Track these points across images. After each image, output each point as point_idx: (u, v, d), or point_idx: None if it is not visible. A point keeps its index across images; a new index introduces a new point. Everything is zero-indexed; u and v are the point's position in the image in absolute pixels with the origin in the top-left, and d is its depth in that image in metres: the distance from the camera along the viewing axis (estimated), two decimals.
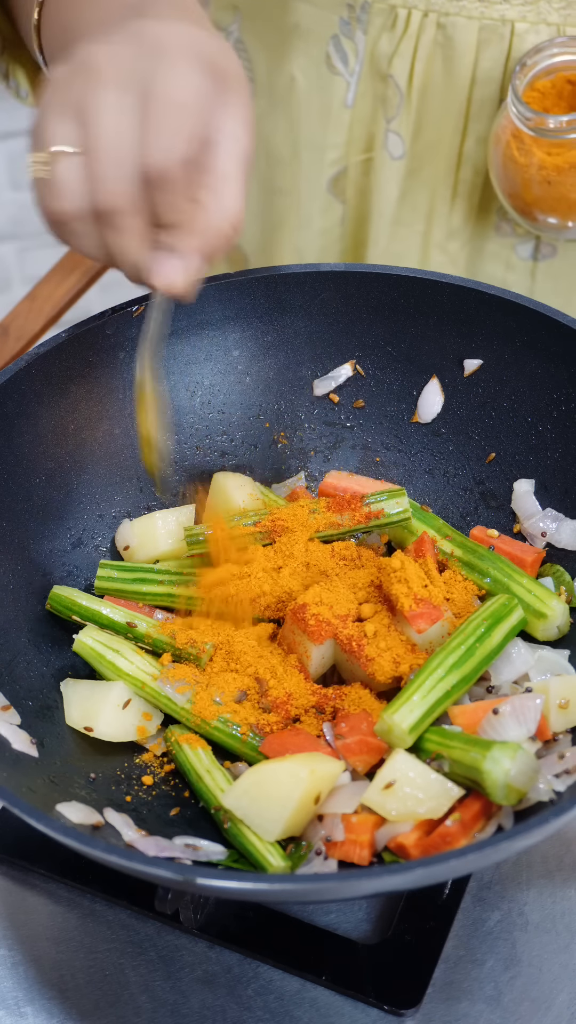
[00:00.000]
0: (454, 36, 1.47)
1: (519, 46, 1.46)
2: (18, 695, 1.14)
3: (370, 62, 1.53)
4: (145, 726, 1.16)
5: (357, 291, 1.34)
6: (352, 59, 1.54)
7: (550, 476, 1.29)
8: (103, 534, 1.31)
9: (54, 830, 0.94)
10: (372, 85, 1.55)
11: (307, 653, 1.16)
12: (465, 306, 1.30)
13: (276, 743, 1.10)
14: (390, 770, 1.05)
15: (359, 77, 1.55)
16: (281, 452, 1.38)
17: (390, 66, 1.51)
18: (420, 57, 1.50)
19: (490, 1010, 1.07)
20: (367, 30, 1.51)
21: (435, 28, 1.47)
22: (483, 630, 1.14)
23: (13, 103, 1.60)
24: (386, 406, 1.37)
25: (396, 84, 1.52)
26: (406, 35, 1.49)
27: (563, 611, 1.20)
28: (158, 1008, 1.07)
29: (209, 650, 1.18)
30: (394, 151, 1.56)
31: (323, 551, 1.23)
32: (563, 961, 1.10)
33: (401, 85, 1.52)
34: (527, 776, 1.02)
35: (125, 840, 1.03)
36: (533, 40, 1.45)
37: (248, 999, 1.08)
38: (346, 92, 1.57)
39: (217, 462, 1.37)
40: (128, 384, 1.32)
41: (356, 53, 1.53)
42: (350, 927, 1.11)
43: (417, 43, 1.49)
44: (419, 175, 1.58)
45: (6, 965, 1.11)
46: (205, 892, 1.08)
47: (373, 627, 1.16)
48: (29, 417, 1.24)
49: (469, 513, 1.34)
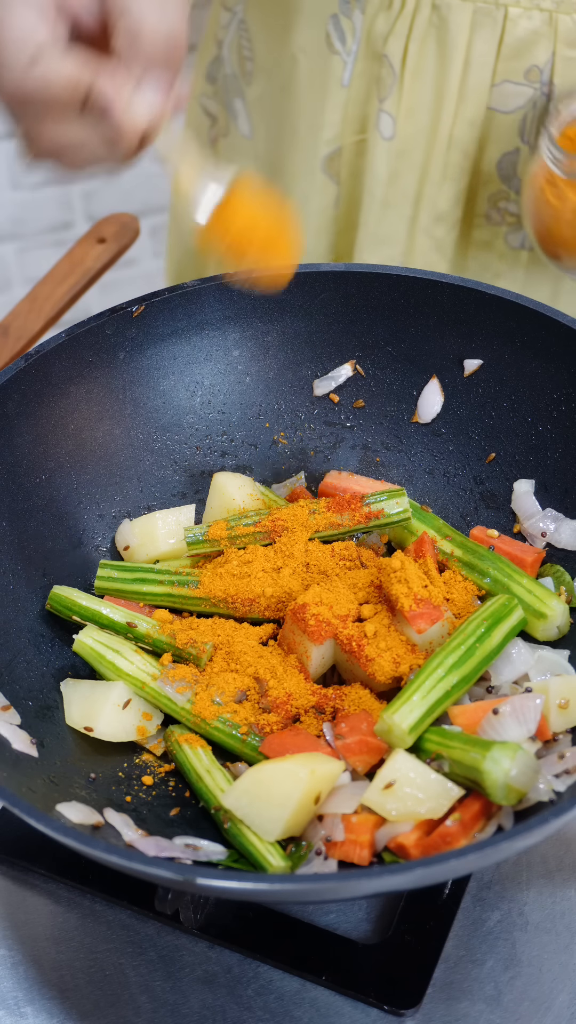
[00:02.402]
0: (448, 18, 1.49)
1: (512, 30, 1.47)
2: (18, 695, 1.14)
3: (367, 42, 1.55)
4: (145, 726, 1.16)
5: (357, 291, 1.34)
6: (350, 38, 1.56)
7: (550, 476, 1.29)
8: (103, 534, 1.31)
9: (54, 830, 0.94)
10: (368, 65, 1.57)
11: (307, 653, 1.16)
12: (465, 306, 1.30)
13: (276, 743, 1.10)
14: (390, 770, 1.05)
15: (356, 57, 1.57)
16: (281, 452, 1.38)
17: (385, 46, 1.53)
18: (414, 38, 1.51)
19: (490, 1010, 1.07)
20: (364, 9, 1.53)
21: (430, 9, 1.49)
22: (483, 630, 1.14)
23: None
24: (386, 406, 1.37)
25: (390, 64, 1.53)
26: (401, 15, 1.51)
27: (563, 611, 1.20)
28: (158, 1008, 1.07)
29: (209, 650, 1.18)
30: (385, 131, 1.57)
31: (323, 551, 1.23)
32: (563, 961, 1.10)
33: (395, 65, 1.53)
34: (527, 776, 1.02)
35: (125, 840, 1.03)
36: (526, 26, 1.47)
37: (248, 999, 1.08)
38: (343, 71, 1.58)
39: (217, 462, 1.37)
40: (128, 384, 1.32)
41: (354, 32, 1.55)
42: (350, 927, 1.11)
43: (412, 23, 1.51)
44: (408, 157, 1.59)
45: (6, 965, 1.11)
46: (205, 892, 1.08)
47: (373, 627, 1.16)
48: (29, 417, 1.24)
49: (469, 513, 1.34)
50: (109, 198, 3.13)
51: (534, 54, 1.48)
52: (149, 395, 1.34)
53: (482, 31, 1.48)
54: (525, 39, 1.47)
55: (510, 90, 1.51)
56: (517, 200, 1.59)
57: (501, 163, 1.56)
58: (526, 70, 1.49)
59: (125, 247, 1.70)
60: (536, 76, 1.49)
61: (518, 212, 1.59)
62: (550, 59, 1.47)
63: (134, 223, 1.72)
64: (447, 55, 1.50)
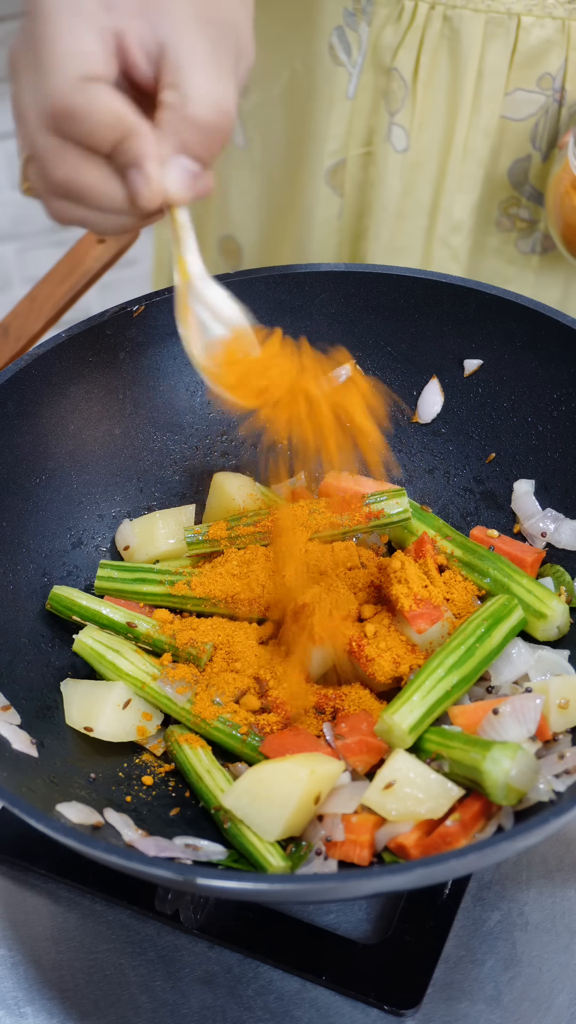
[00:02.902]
0: (460, 29, 1.48)
1: (525, 39, 1.47)
2: (18, 695, 1.14)
3: (372, 54, 1.54)
4: (145, 726, 1.16)
5: (357, 291, 1.34)
6: (355, 50, 1.55)
7: (550, 476, 1.29)
8: (103, 534, 1.31)
9: (54, 830, 0.94)
10: (374, 78, 1.56)
11: (307, 653, 1.16)
12: (465, 306, 1.30)
13: (276, 743, 1.10)
14: (390, 770, 1.05)
15: (361, 69, 1.56)
16: (281, 452, 1.38)
17: (394, 59, 1.52)
18: (426, 49, 1.51)
19: (490, 1010, 1.07)
20: (371, 21, 1.52)
21: (441, 21, 1.49)
22: (483, 630, 1.14)
23: None
24: (386, 406, 1.37)
25: (401, 77, 1.53)
26: (412, 27, 1.50)
27: (563, 611, 1.20)
28: (158, 1008, 1.07)
29: (209, 650, 1.18)
30: (398, 144, 1.57)
31: (323, 551, 1.23)
32: (563, 961, 1.10)
33: (406, 78, 1.53)
34: (527, 776, 1.02)
35: (125, 840, 1.03)
36: (538, 34, 1.47)
37: (248, 999, 1.08)
38: (348, 84, 1.57)
39: (217, 462, 1.37)
40: (128, 384, 1.32)
41: (359, 45, 1.54)
42: (350, 927, 1.11)
43: (423, 36, 1.50)
44: (423, 169, 1.59)
45: (6, 965, 1.11)
46: (205, 892, 1.08)
47: (373, 627, 1.16)
48: (29, 417, 1.24)
49: (469, 513, 1.34)
50: None
51: (547, 62, 1.48)
52: (149, 395, 1.34)
53: (495, 41, 1.48)
54: (538, 47, 1.47)
55: (522, 98, 1.51)
56: (528, 206, 1.59)
57: (512, 170, 1.56)
58: (539, 77, 1.49)
59: (125, 247, 1.70)
60: (548, 84, 1.49)
61: (529, 218, 1.59)
62: (562, 66, 1.47)
63: None
64: (460, 66, 1.50)
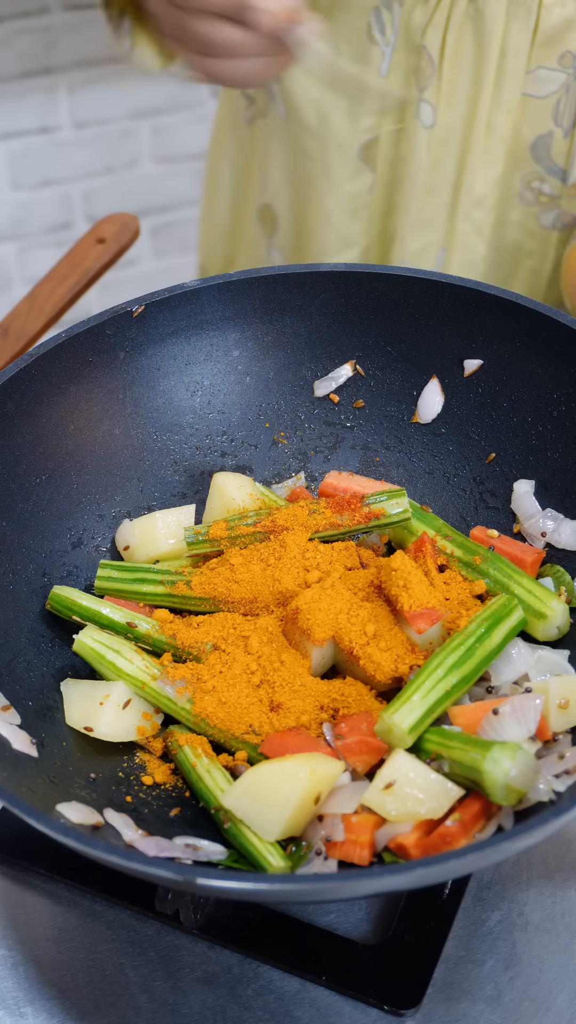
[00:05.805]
0: (484, 9, 1.55)
1: (546, 18, 1.53)
2: (18, 695, 1.14)
3: (404, 33, 1.60)
4: (145, 726, 1.16)
5: (357, 291, 1.34)
6: (389, 30, 1.61)
7: (550, 476, 1.29)
8: (103, 534, 1.31)
9: (54, 830, 0.94)
10: (405, 56, 1.63)
11: (307, 653, 1.16)
12: (465, 306, 1.30)
13: (276, 743, 1.10)
14: (390, 770, 1.05)
15: (394, 48, 1.62)
16: (281, 452, 1.38)
17: (423, 37, 1.59)
18: (452, 28, 1.57)
19: (490, 1010, 1.07)
20: (403, 2, 1.58)
21: (467, 1, 1.55)
22: (483, 630, 1.14)
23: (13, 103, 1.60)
24: (386, 406, 1.37)
25: (429, 54, 1.60)
26: (439, 7, 1.57)
27: (563, 611, 1.20)
28: (158, 1008, 1.07)
29: (209, 650, 1.18)
30: (426, 120, 1.64)
31: (323, 551, 1.23)
32: (563, 961, 1.10)
33: (433, 55, 1.59)
34: (527, 776, 1.02)
35: (125, 840, 1.03)
36: (559, 13, 1.53)
37: (248, 999, 1.08)
38: (381, 62, 1.64)
39: (217, 462, 1.37)
40: (128, 384, 1.32)
41: (392, 24, 1.61)
42: (350, 927, 1.11)
43: (449, 15, 1.57)
44: (448, 144, 1.65)
45: (6, 965, 1.11)
46: (205, 892, 1.08)
47: (373, 627, 1.16)
48: (29, 417, 1.24)
49: (469, 513, 1.34)
50: (109, 198, 3.13)
51: (568, 40, 1.55)
52: (149, 395, 1.34)
53: (517, 20, 1.54)
54: (559, 26, 1.54)
55: (544, 75, 1.57)
56: (550, 181, 1.65)
57: (535, 145, 1.63)
58: (560, 56, 1.56)
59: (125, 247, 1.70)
60: (569, 61, 1.56)
61: (550, 192, 1.65)
62: None
63: (134, 223, 1.72)
64: (484, 45, 1.57)
